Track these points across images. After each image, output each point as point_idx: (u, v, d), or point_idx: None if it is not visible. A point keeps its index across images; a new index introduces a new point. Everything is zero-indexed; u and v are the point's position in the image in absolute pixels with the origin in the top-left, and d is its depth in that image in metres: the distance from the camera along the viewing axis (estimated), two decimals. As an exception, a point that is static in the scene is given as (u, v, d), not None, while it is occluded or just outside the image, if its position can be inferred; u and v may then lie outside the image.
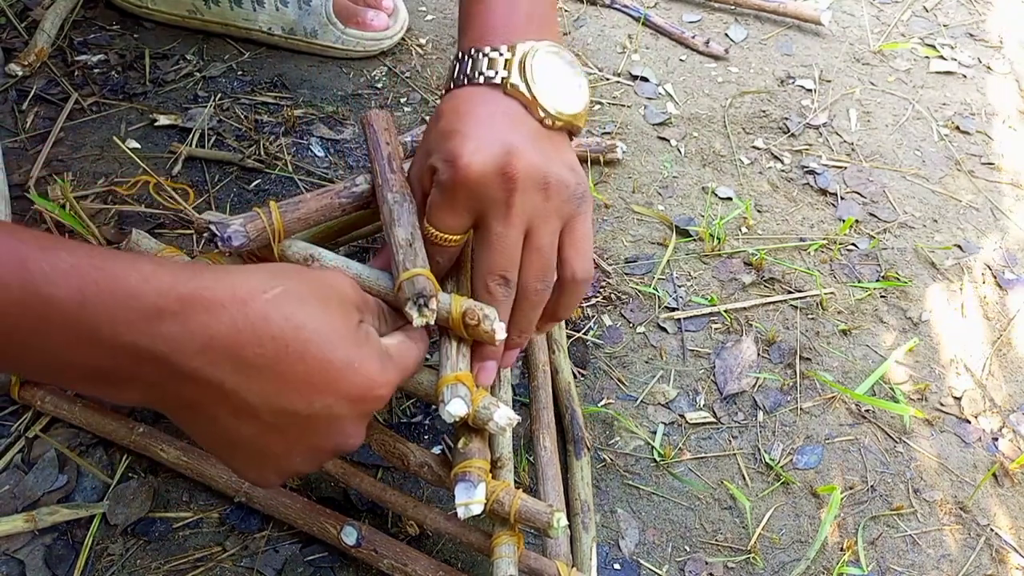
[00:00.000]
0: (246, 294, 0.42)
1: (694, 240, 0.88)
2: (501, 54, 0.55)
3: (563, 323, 0.77)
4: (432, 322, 0.52)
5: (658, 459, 0.71)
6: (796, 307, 0.83)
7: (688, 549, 0.66)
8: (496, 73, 0.55)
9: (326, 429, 0.46)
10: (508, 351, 0.59)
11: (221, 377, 0.41)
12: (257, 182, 0.87)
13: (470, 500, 0.53)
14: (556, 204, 0.54)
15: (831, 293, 0.84)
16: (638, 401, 0.75)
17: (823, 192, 0.94)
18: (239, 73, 0.98)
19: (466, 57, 0.56)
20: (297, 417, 0.44)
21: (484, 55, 0.56)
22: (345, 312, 0.47)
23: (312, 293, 0.45)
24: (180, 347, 0.39)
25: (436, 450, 0.69)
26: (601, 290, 0.82)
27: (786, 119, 1.02)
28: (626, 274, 0.84)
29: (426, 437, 0.70)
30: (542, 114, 0.55)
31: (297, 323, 0.43)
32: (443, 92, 0.58)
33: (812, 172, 0.96)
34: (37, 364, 0.40)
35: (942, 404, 0.77)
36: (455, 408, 0.52)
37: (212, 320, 0.40)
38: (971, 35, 1.18)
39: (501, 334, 0.53)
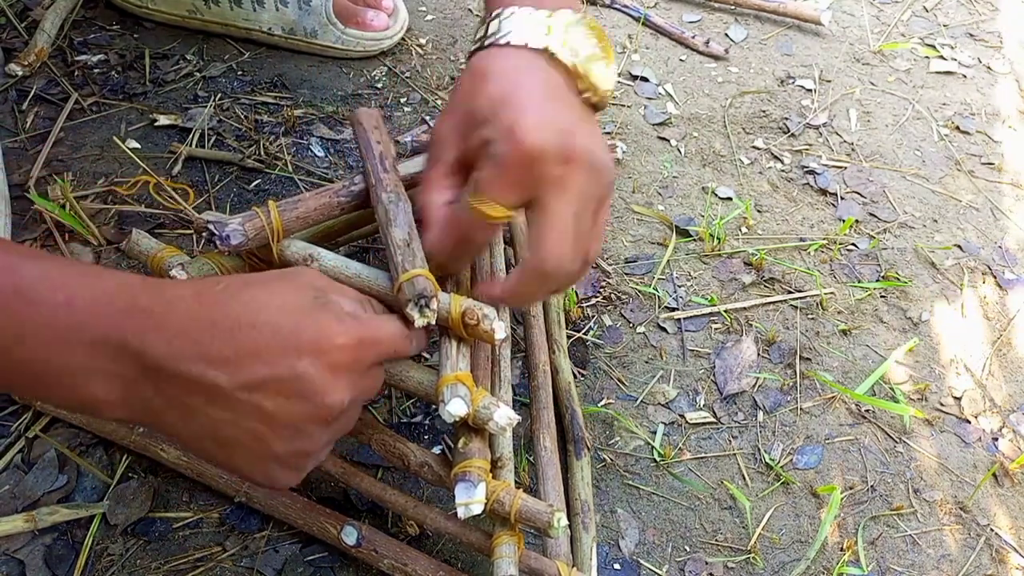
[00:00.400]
0: (202, 287, 0.46)
1: (694, 240, 0.88)
2: (543, 20, 0.53)
3: (563, 323, 0.76)
4: (433, 322, 0.52)
5: (658, 459, 0.71)
6: (796, 307, 0.83)
7: (688, 549, 0.66)
8: (539, 38, 0.53)
9: (299, 392, 0.45)
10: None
11: (187, 366, 0.43)
12: (257, 182, 0.87)
13: (470, 500, 0.53)
14: (599, 187, 0.53)
15: (831, 293, 0.84)
16: (638, 401, 0.75)
17: (823, 192, 0.94)
18: (239, 73, 0.98)
19: (506, 15, 0.54)
20: (265, 387, 0.44)
21: (527, 17, 0.53)
22: (299, 287, 0.48)
23: (264, 279, 0.48)
24: (149, 341, 0.43)
25: (436, 450, 0.69)
26: (601, 290, 0.82)
27: (786, 119, 1.02)
28: (626, 274, 0.84)
29: (426, 437, 0.70)
30: (582, 87, 0.54)
31: (247, 300, 0.45)
32: (475, 48, 0.55)
33: (812, 172, 0.96)
34: (14, 369, 0.43)
35: (942, 404, 0.77)
36: (455, 408, 0.52)
37: (171, 314, 0.44)
38: (971, 35, 1.18)
39: (500, 334, 0.53)
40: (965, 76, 1.11)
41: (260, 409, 0.45)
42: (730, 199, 0.92)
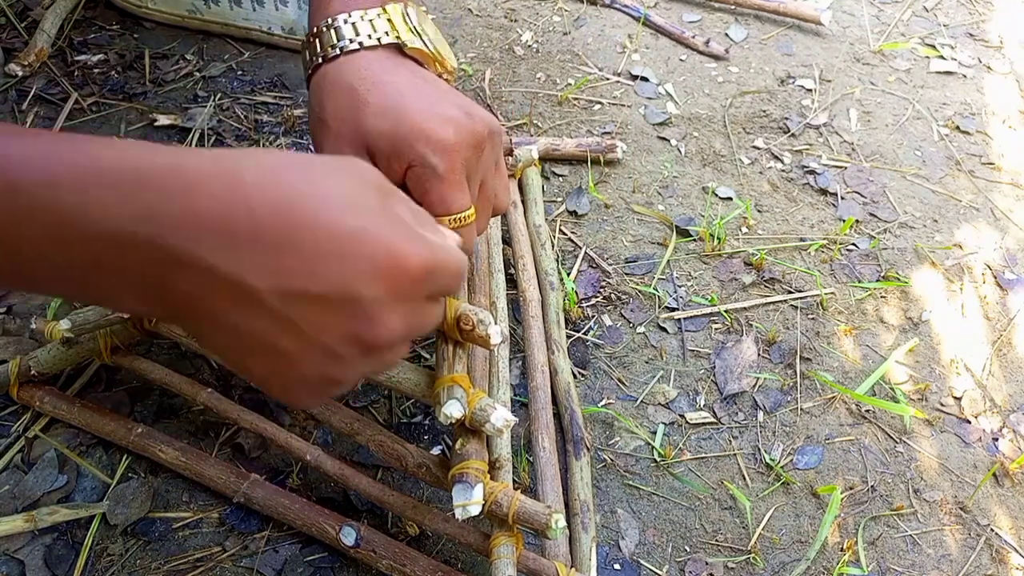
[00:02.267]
0: (235, 164, 0.36)
1: (694, 240, 0.88)
2: (381, 17, 0.52)
3: (563, 323, 0.76)
4: None
5: (658, 459, 0.71)
6: (796, 307, 0.83)
7: (688, 549, 0.66)
8: (388, 34, 0.52)
9: (347, 314, 0.37)
10: None
11: (213, 260, 0.34)
12: (257, 182, 0.87)
13: (468, 501, 0.53)
14: (502, 144, 0.56)
15: (831, 293, 0.84)
16: (638, 401, 0.74)
17: (823, 192, 0.94)
18: (239, 73, 0.98)
19: (340, 21, 0.51)
20: (307, 300, 0.36)
21: (364, 19, 0.51)
22: (364, 184, 0.39)
23: (321, 163, 0.38)
24: (164, 228, 0.34)
25: (436, 450, 0.69)
26: (601, 290, 0.82)
27: (786, 119, 1.02)
28: (626, 274, 0.84)
29: (426, 437, 0.70)
30: (439, 69, 0.55)
31: (299, 191, 0.36)
32: (317, 63, 0.52)
33: (812, 172, 0.96)
34: (11, 268, 0.35)
35: (942, 404, 0.77)
36: (451, 410, 0.52)
37: (194, 195, 0.34)
38: (971, 35, 1.18)
39: (496, 339, 0.53)
40: (965, 76, 1.11)
41: (296, 326, 0.37)
42: (730, 199, 0.92)
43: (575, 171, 0.93)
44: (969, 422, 0.76)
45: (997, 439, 0.75)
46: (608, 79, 1.05)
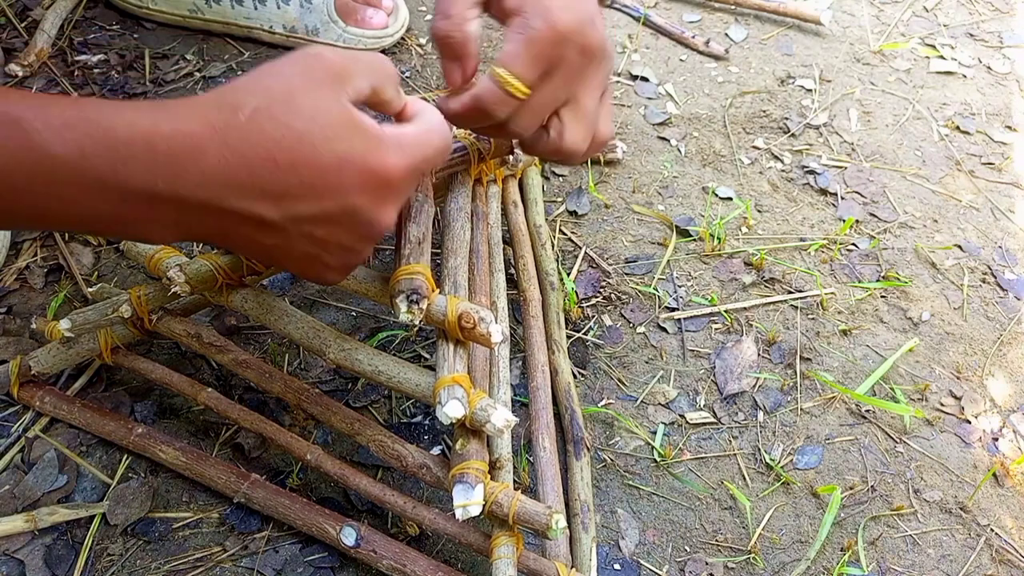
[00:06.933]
0: (222, 123, 0.41)
1: (694, 240, 0.88)
2: None
3: (563, 323, 0.76)
4: (417, 322, 0.52)
5: (658, 459, 0.71)
6: (796, 307, 0.83)
7: (688, 549, 0.66)
8: None
9: (351, 223, 0.46)
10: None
11: (229, 204, 0.42)
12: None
13: (468, 501, 0.53)
14: (607, 75, 0.57)
15: (831, 293, 0.84)
16: (638, 401, 0.74)
17: (823, 192, 0.94)
18: (239, 72, 0.98)
19: None
20: (317, 221, 0.45)
21: None
22: (326, 98, 0.44)
23: (287, 92, 0.43)
24: (182, 186, 0.41)
25: (436, 450, 0.69)
26: (601, 290, 0.82)
27: (786, 119, 1.02)
28: (626, 274, 0.84)
29: (426, 437, 0.70)
30: None
31: (279, 134, 0.42)
32: None
33: (812, 172, 0.96)
34: (57, 219, 0.41)
35: (942, 404, 0.77)
36: (451, 410, 0.52)
37: (199, 157, 0.41)
38: (971, 35, 1.18)
39: (497, 337, 0.53)
40: (965, 76, 1.11)
41: (311, 236, 0.45)
42: (730, 199, 0.92)
43: (575, 171, 0.93)
44: (969, 422, 0.76)
45: (997, 439, 0.75)
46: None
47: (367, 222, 0.46)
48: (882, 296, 0.85)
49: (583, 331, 0.79)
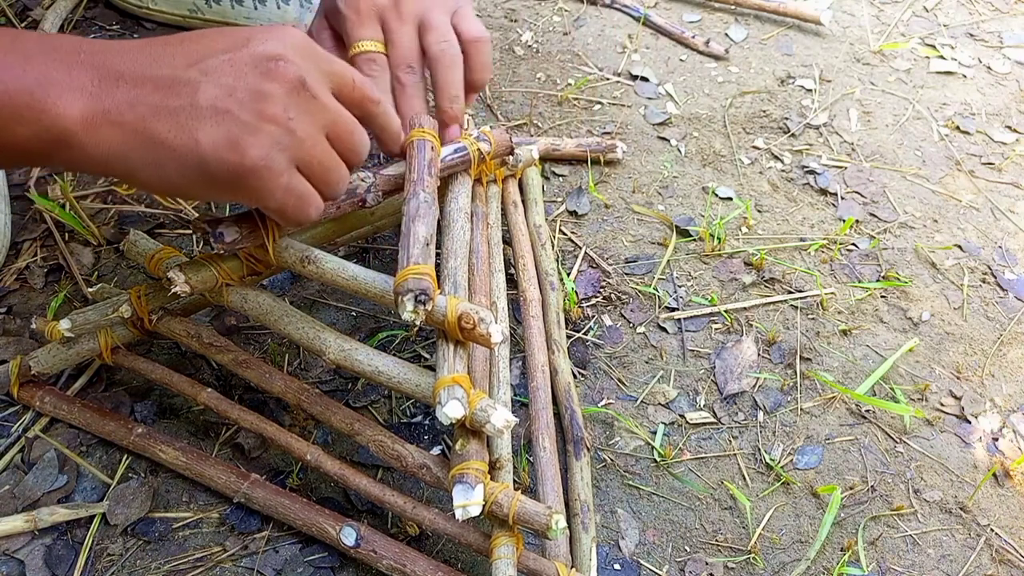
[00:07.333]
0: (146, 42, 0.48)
1: (694, 240, 0.88)
2: None
3: (563, 323, 0.76)
4: (419, 322, 0.53)
5: (658, 459, 0.71)
6: (796, 307, 0.83)
7: (688, 549, 0.66)
8: None
9: (255, 66, 0.47)
10: (450, 126, 0.66)
11: (148, 71, 0.46)
12: (257, 182, 0.86)
13: (468, 502, 0.53)
14: (441, 1, 0.65)
15: (831, 293, 0.84)
16: (638, 401, 0.74)
17: (823, 192, 0.94)
18: (239, 73, 0.98)
19: None
20: (221, 69, 0.47)
21: None
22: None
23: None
24: (105, 59, 0.46)
25: (436, 450, 0.69)
26: (601, 290, 0.82)
27: (786, 119, 1.02)
28: (626, 274, 0.84)
29: (426, 437, 0.70)
30: None
31: (194, 43, 0.48)
32: None
33: (812, 172, 0.96)
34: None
35: (942, 404, 0.77)
36: (451, 410, 0.52)
37: (123, 46, 0.47)
38: (971, 35, 1.18)
39: (497, 337, 0.54)
40: (965, 76, 1.11)
41: (218, 86, 0.47)
42: (730, 199, 0.92)
43: (575, 171, 0.93)
44: (969, 422, 0.76)
45: (997, 439, 0.75)
46: (608, 79, 1.05)
47: (256, 92, 0.47)
48: (882, 296, 0.85)
49: (583, 331, 0.79)
